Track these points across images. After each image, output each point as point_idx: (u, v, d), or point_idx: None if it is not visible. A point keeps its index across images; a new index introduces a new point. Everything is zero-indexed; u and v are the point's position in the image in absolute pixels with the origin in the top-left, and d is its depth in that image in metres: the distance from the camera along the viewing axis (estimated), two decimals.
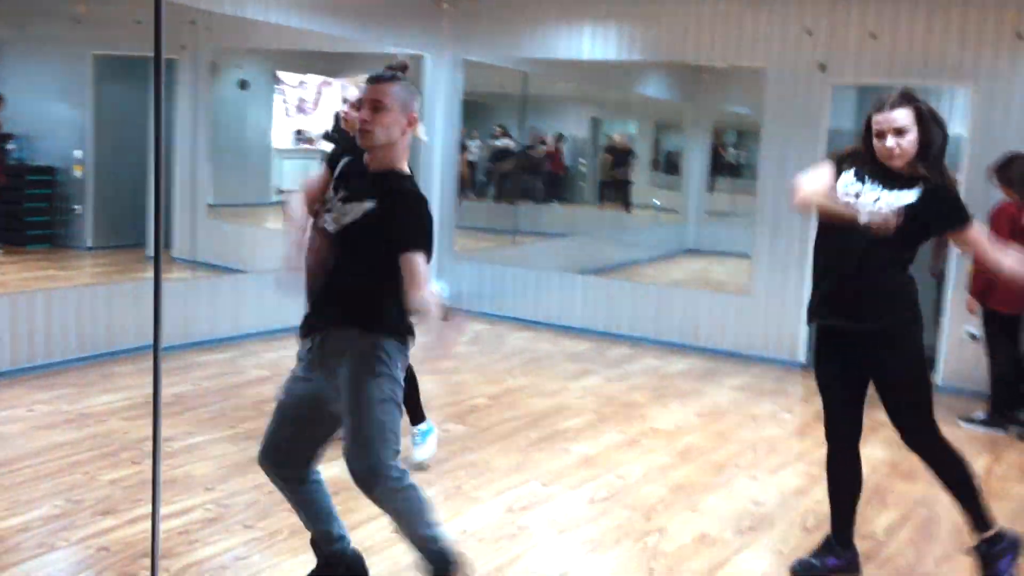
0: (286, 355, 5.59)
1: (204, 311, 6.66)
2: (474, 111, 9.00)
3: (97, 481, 4.07)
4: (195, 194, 7.68)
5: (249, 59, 8.60)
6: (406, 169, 2.97)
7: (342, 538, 3.16)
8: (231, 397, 5.50)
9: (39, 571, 3.28)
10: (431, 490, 4.21)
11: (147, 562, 3.36)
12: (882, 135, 3.25)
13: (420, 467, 4.45)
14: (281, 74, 9.06)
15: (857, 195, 3.31)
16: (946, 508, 4.36)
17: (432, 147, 8.40)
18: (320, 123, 9.29)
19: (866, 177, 3.32)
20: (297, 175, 9.40)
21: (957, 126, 7.61)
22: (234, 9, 6.52)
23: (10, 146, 7.74)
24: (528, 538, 3.84)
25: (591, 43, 7.84)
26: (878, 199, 3.27)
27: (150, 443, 4.54)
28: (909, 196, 3.25)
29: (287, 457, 3.03)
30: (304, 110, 9.47)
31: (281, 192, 9.16)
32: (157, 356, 2.06)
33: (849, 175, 3.37)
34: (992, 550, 3.49)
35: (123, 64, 8.02)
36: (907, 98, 3.25)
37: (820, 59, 6.92)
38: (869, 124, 3.31)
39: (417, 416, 4.56)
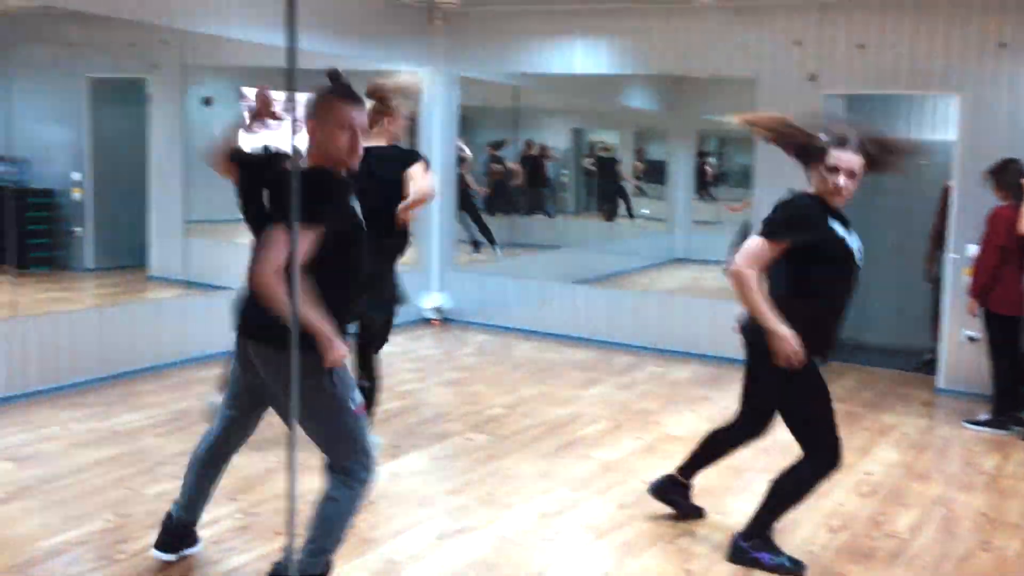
0: None
1: (199, 327, 6.65)
2: (464, 124, 9.13)
3: (142, 495, 4.15)
4: (171, 212, 7.70)
5: (218, 76, 8.66)
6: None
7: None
8: None
9: None
10: (463, 497, 4.35)
11: (204, 571, 3.47)
12: (835, 172, 3.47)
13: None
14: (246, 89, 9.08)
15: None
16: (963, 507, 4.54)
17: (431, 161, 8.49)
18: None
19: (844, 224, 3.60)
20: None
21: (947, 133, 7.87)
22: (225, 30, 6.58)
23: (0, 168, 7.74)
24: (565, 542, 3.96)
25: (583, 57, 8.00)
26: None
27: (185, 457, 4.65)
28: None
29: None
30: (268, 125, 9.51)
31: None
32: (294, 363, 2.12)
33: (839, 227, 3.58)
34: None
35: (118, 86, 8.08)
36: (864, 147, 3.50)
37: (810, 69, 7.11)
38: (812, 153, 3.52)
39: None
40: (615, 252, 11.03)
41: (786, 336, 3.45)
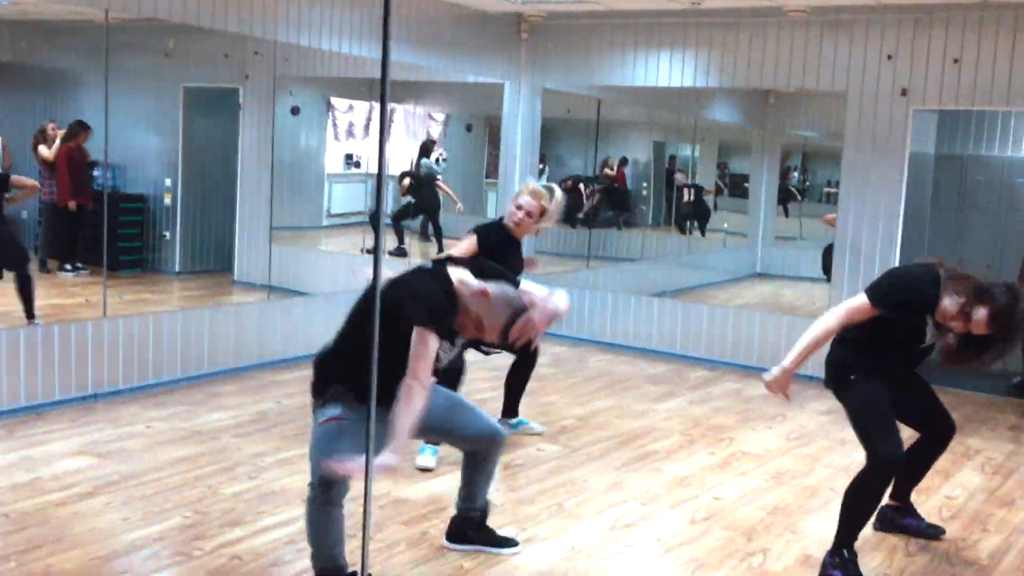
0: None
1: (278, 331, 6.83)
2: (545, 136, 9.17)
3: (220, 494, 4.26)
4: (258, 218, 7.90)
5: (306, 86, 8.87)
6: None
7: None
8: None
9: None
10: (533, 507, 4.35)
11: (278, 571, 3.54)
12: (956, 322, 3.54)
13: None
14: (333, 100, 9.31)
15: None
16: None
17: (512, 172, 8.57)
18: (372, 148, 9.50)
19: None
20: (347, 198, 9.76)
21: None
22: (316, 41, 6.73)
23: (96, 173, 8.02)
24: (635, 555, 3.92)
25: (667, 70, 7.95)
26: None
27: (264, 458, 4.80)
28: None
29: None
30: (353, 134, 9.73)
31: (331, 216, 9.46)
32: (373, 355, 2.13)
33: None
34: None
35: (211, 95, 8.32)
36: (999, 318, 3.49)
37: (901, 84, 6.95)
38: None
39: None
40: (694, 266, 10.93)
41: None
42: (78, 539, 3.72)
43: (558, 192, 5.02)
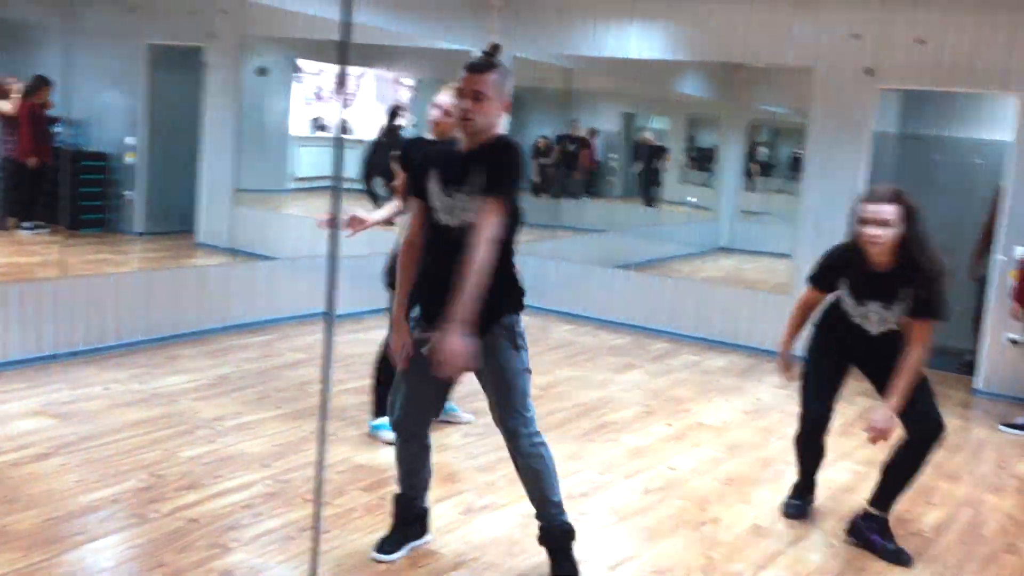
0: (319, 339, 5.69)
1: (241, 295, 6.81)
2: (515, 105, 9.15)
3: (177, 457, 4.26)
4: (221, 180, 7.83)
5: (274, 47, 8.76)
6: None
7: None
8: (272, 379, 5.64)
9: (137, 540, 3.47)
10: (491, 475, 4.40)
11: (234, 534, 3.55)
12: (866, 223, 3.63)
13: None
14: (301, 62, 9.21)
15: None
16: (991, 509, 4.50)
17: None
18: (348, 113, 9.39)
19: (863, 296, 3.80)
20: (313, 163, 9.65)
21: (1003, 133, 7.73)
22: (282, 1, 6.64)
23: (57, 129, 7.89)
24: (589, 523, 3.99)
25: (638, 41, 7.95)
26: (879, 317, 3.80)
27: (222, 423, 4.79)
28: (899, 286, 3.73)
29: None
30: (321, 98, 9.65)
31: (297, 180, 9.37)
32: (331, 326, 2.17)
33: (850, 301, 3.83)
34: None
35: (176, 53, 8.20)
36: (898, 196, 3.62)
37: (867, 63, 7.01)
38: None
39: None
40: (659, 238, 10.99)
41: None
42: (33, 500, 3.71)
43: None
